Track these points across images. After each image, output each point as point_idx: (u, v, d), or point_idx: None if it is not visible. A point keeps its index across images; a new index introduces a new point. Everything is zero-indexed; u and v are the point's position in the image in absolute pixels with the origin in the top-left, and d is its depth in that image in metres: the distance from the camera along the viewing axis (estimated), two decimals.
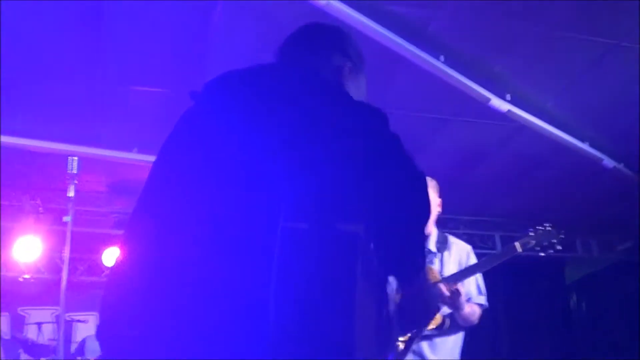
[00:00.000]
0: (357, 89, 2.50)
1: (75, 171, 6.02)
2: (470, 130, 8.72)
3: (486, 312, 5.23)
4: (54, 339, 9.47)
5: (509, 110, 7.77)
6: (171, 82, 7.29)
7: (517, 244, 5.10)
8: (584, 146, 8.86)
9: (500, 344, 12.72)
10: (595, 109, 8.33)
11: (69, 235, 5.98)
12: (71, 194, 6.03)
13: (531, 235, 5.16)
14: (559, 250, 5.16)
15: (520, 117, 7.95)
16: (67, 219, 5.98)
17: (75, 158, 6.09)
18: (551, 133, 8.35)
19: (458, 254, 5.26)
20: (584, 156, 9.02)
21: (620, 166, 9.46)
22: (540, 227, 5.19)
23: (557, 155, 9.15)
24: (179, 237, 1.93)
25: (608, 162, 9.25)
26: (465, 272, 5.04)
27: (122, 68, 7.32)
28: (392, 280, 2.23)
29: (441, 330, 4.98)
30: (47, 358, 8.78)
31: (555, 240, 5.13)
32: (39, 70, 7.23)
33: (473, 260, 5.26)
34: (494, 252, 5.12)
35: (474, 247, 10.84)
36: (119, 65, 7.26)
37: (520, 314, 12.90)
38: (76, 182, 6.03)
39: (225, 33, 6.65)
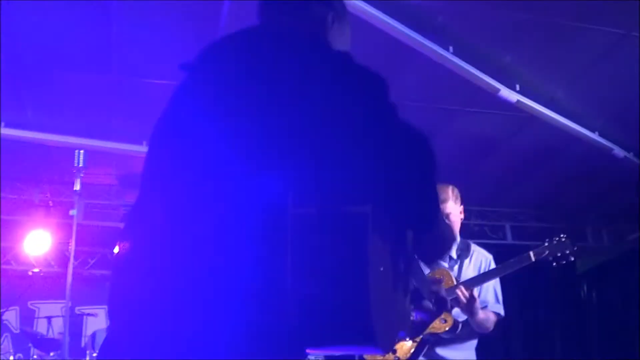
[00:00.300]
0: (343, 39, 2.42)
1: (81, 164, 6.01)
2: (480, 120, 8.70)
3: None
4: (63, 333, 9.47)
5: (518, 101, 7.74)
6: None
7: (531, 253, 5.17)
8: (594, 136, 8.83)
9: (512, 333, 12.70)
10: (605, 99, 8.30)
11: (74, 228, 5.98)
12: (77, 187, 6.02)
13: (545, 246, 5.22)
14: (571, 262, 5.24)
15: (529, 107, 7.92)
16: (73, 212, 5.98)
17: (82, 151, 6.08)
18: (561, 123, 8.33)
19: (478, 262, 5.30)
20: (594, 146, 8.99)
21: (631, 156, 9.42)
22: (556, 238, 5.25)
23: (567, 145, 9.13)
24: (183, 227, 1.89)
25: (618, 152, 9.21)
26: (479, 278, 5.11)
27: (132, 61, 7.32)
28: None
29: (454, 335, 4.99)
30: (57, 352, 8.78)
31: (568, 251, 5.19)
32: (50, 63, 7.25)
33: (493, 267, 5.31)
34: (509, 260, 5.14)
35: (484, 237, 10.98)
36: (129, 58, 7.27)
37: (532, 304, 12.88)
38: (82, 175, 6.02)
39: (236, 25, 6.63)
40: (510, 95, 7.67)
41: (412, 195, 1.99)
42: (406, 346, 4.92)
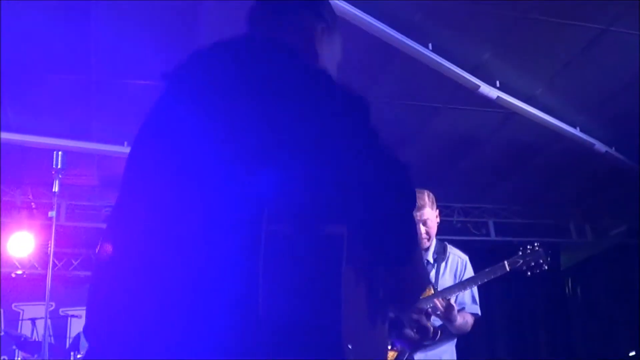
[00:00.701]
0: (332, 51, 2.38)
1: (60, 166, 5.97)
2: (462, 117, 8.71)
3: (482, 299, 5.31)
4: (48, 335, 9.43)
5: (498, 97, 7.77)
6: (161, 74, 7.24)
7: (505, 263, 5.22)
8: (575, 132, 8.86)
9: (497, 330, 12.74)
10: (585, 95, 8.34)
11: (53, 230, 5.95)
12: (56, 189, 5.99)
13: (519, 255, 5.28)
14: (544, 270, 5.29)
15: (509, 103, 7.94)
16: (52, 214, 5.95)
17: (60, 152, 6.04)
18: (541, 119, 8.35)
19: (454, 264, 5.34)
20: (575, 141, 9.01)
21: (612, 150, 9.45)
22: (529, 247, 5.31)
23: (548, 141, 9.16)
24: (161, 230, 1.89)
25: (600, 147, 9.24)
26: (457, 287, 5.13)
27: (112, 61, 7.31)
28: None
29: (433, 341, 5.02)
30: (41, 354, 8.76)
31: (542, 261, 5.26)
32: (30, 64, 7.22)
33: (469, 270, 5.35)
34: (484, 270, 5.20)
35: (468, 234, 10.97)
36: (109, 58, 7.25)
37: (516, 300, 12.92)
38: (61, 176, 5.99)
39: (216, 24, 6.64)
40: (490, 92, 7.69)
41: (390, 224, 1.94)
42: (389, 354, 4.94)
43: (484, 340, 12.47)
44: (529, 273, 5.27)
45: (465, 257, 5.42)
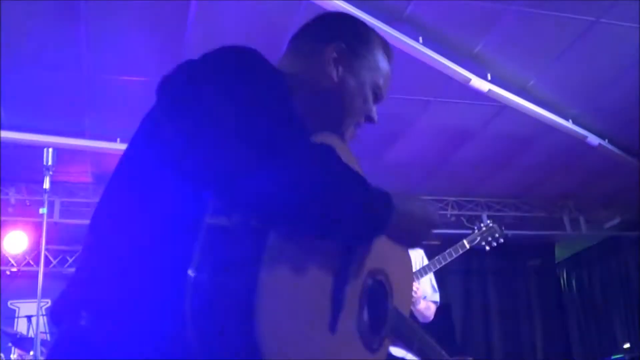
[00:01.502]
0: (357, 69, 2.21)
1: (50, 163, 6.00)
2: (454, 110, 8.72)
3: (478, 292, 5.57)
4: (44, 332, 9.43)
5: (489, 90, 7.77)
6: (153, 70, 7.26)
7: (465, 241, 5.78)
8: (568, 124, 8.87)
9: (492, 324, 12.76)
10: (577, 87, 8.35)
11: (44, 227, 5.98)
12: (47, 185, 6.03)
13: (476, 233, 5.88)
14: (500, 243, 5.92)
15: (501, 96, 7.95)
16: (43, 210, 5.98)
17: (50, 149, 6.06)
18: (534, 112, 8.36)
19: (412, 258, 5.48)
20: (568, 134, 9.02)
21: (605, 143, 9.47)
22: (484, 225, 5.98)
23: (541, 133, 9.16)
24: (111, 237, 1.92)
25: (593, 139, 9.25)
26: (421, 271, 5.52)
27: (104, 58, 7.31)
28: None
29: None
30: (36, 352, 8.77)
31: (497, 235, 5.87)
32: (21, 61, 7.22)
33: (424, 262, 5.69)
34: (445, 251, 5.52)
35: (461, 227, 10.99)
36: (101, 54, 7.25)
37: (512, 293, 12.95)
38: (51, 173, 6.02)
39: (208, 20, 6.65)
40: (481, 84, 7.69)
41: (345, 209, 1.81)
42: None
43: (480, 333, 12.50)
44: (487, 247, 5.84)
45: (421, 250, 5.81)
